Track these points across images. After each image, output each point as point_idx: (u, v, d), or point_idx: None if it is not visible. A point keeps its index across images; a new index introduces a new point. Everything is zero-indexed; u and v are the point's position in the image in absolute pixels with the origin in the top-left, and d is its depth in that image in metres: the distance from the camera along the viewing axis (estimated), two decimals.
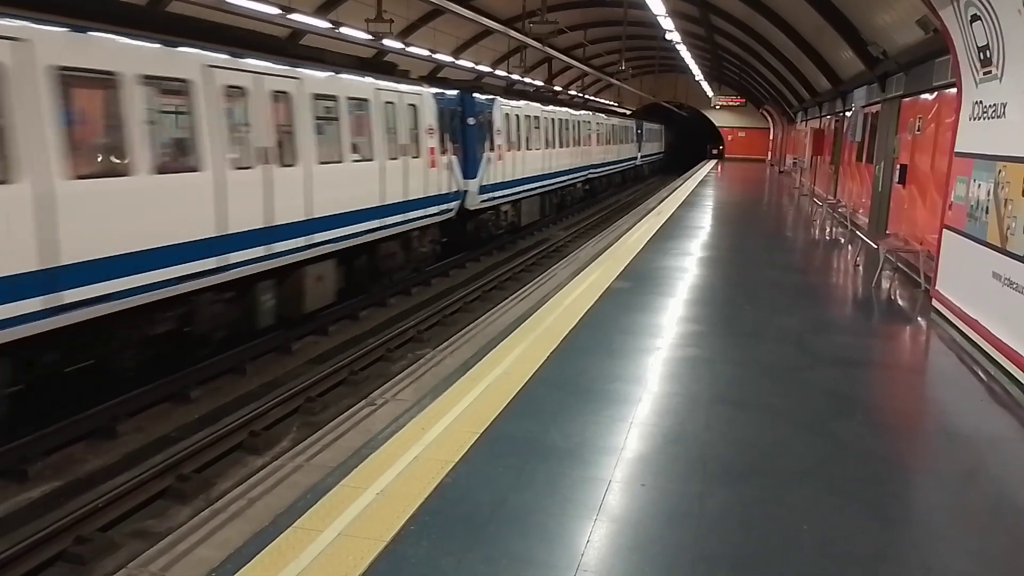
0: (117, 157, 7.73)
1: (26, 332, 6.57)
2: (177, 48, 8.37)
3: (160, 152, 8.20)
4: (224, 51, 9.06)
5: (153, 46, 8.10)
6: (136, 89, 7.69)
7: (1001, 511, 4.64)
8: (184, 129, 8.53)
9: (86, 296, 7.07)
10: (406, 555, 3.73)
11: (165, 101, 8.41)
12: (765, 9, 20.00)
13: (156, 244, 7.85)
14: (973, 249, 8.07)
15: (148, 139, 7.86)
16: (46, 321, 6.72)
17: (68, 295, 6.90)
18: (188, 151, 8.51)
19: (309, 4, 18.86)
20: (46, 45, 6.76)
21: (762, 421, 5.66)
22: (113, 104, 7.56)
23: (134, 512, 6.37)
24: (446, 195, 15.46)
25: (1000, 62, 7.53)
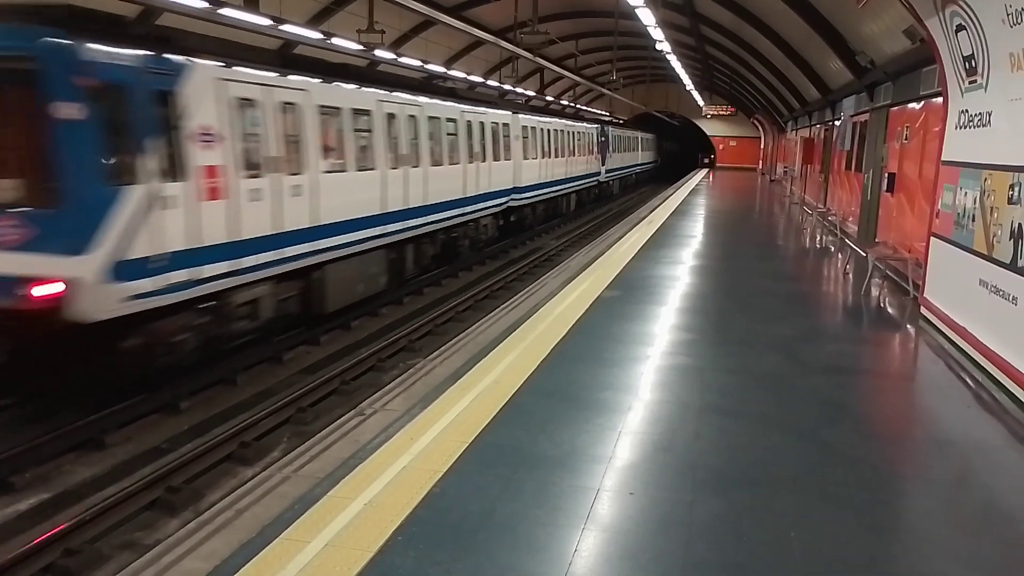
0: (340, 159, 11.89)
1: (308, 262, 10.91)
2: (363, 89, 12.88)
3: (358, 156, 12.40)
4: (385, 89, 13.60)
5: (353, 87, 12.62)
6: (350, 116, 12.11)
7: (990, 517, 4.66)
8: (367, 141, 12.75)
9: (333, 244, 11.48)
10: (393, 565, 3.72)
11: (360, 123, 12.55)
12: (754, 20, 20.16)
13: (357, 215, 12.21)
14: (960, 257, 8.12)
15: (353, 148, 12.22)
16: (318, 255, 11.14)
17: (323, 243, 11.20)
18: (368, 156, 12.75)
19: (301, 15, 18.91)
20: (315, 93, 11.15)
21: (752, 429, 5.67)
22: (338, 126, 11.85)
23: (123, 524, 6.33)
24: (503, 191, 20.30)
25: (985, 71, 7.60)
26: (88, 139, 7.37)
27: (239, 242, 9.25)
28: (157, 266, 7.98)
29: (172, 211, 8.17)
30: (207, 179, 8.73)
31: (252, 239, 9.51)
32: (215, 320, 9.19)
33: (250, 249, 9.48)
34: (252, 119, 9.63)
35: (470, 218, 17.81)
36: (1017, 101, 6.93)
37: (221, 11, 11.50)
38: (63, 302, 7.22)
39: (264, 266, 9.84)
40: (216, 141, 8.90)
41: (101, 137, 7.49)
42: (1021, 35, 6.48)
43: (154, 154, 8.00)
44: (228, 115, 9.14)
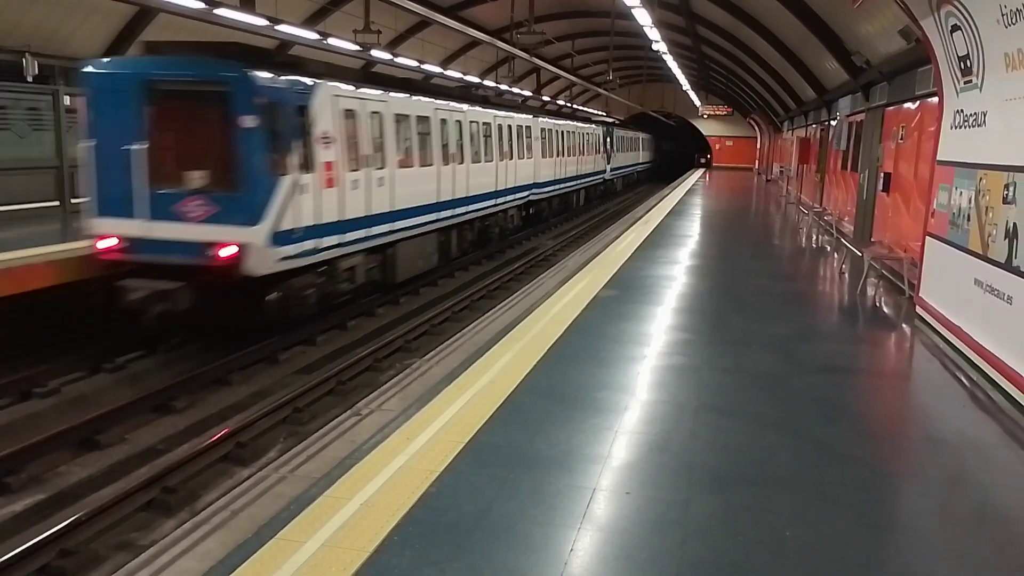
0: (408, 157, 14.39)
1: (386, 239, 13.33)
2: (422, 99, 15.35)
3: (420, 154, 14.89)
4: (438, 99, 16.18)
5: (416, 98, 15.07)
6: (415, 122, 14.64)
7: (984, 516, 4.67)
8: (426, 142, 15.23)
9: (403, 226, 13.93)
10: (389, 565, 3.72)
11: (421, 127, 14.97)
12: (750, 20, 20.18)
13: (420, 203, 14.70)
14: (955, 256, 8.14)
15: (417, 148, 14.73)
16: (393, 235, 13.57)
17: (397, 224, 13.65)
18: (427, 154, 15.28)
19: (297, 15, 18.89)
20: (392, 103, 13.62)
21: (748, 429, 5.68)
22: (407, 130, 14.33)
23: (119, 524, 6.32)
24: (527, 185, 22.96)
25: (980, 71, 7.62)
26: (259, 142, 9.84)
27: (344, 221, 11.75)
28: (296, 237, 10.46)
29: (306, 196, 10.63)
30: (326, 172, 11.17)
31: (352, 219, 12.01)
32: (328, 280, 11.79)
33: (351, 227, 12.00)
34: (353, 125, 12.08)
35: (500, 209, 20.44)
36: (1012, 101, 6.95)
37: (217, 11, 11.48)
38: (239, 261, 9.71)
39: (359, 241, 12.38)
40: (332, 143, 11.30)
41: (267, 140, 9.92)
42: (1016, 35, 6.50)
43: (296, 152, 10.45)
44: (338, 123, 11.58)
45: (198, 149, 10.13)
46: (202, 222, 9.80)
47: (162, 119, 9.98)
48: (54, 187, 15.81)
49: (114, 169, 9.97)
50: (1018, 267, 6.50)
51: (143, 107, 9.91)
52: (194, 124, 10.20)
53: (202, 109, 10.06)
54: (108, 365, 9.97)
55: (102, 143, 10.12)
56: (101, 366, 9.93)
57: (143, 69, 10.20)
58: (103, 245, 10.08)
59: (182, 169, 9.95)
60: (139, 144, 9.88)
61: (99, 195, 10.18)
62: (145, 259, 9.95)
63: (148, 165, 9.92)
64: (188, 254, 9.76)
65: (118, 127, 9.94)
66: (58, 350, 9.90)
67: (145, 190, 9.93)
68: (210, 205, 9.82)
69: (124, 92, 9.94)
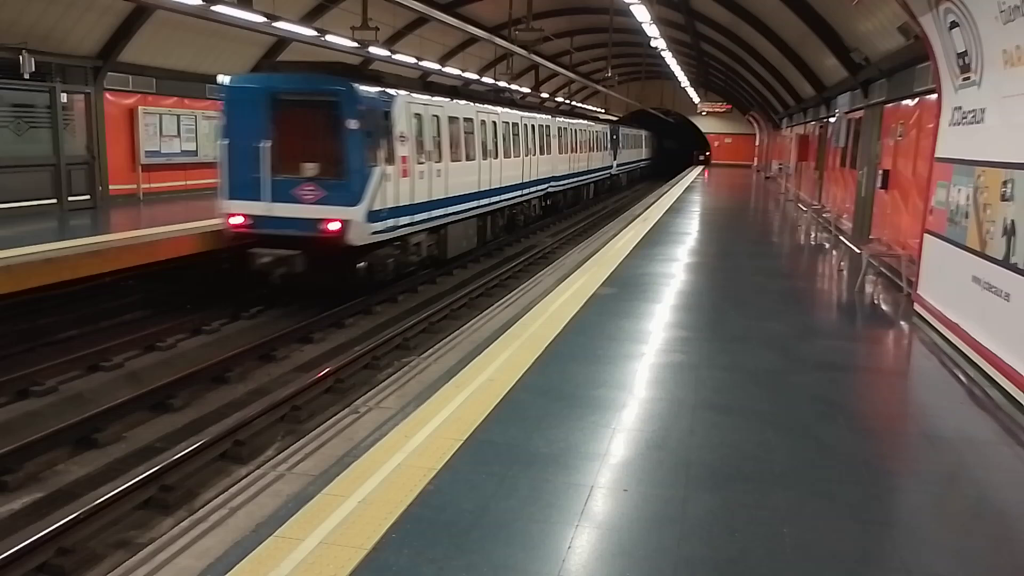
0: (457, 152, 16.66)
1: (441, 221, 15.68)
2: (466, 103, 17.66)
3: (467, 150, 17.27)
4: (477, 103, 18.47)
5: (463, 103, 17.39)
6: (461, 123, 16.92)
7: (981, 513, 4.68)
8: (469, 140, 17.56)
9: (453, 211, 16.31)
10: (387, 563, 3.73)
11: (467, 127, 17.56)
12: (749, 16, 20.16)
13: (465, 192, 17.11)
14: (953, 253, 8.14)
15: (463, 145, 17.04)
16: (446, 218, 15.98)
17: (449, 209, 16.07)
18: (471, 150, 17.62)
19: (295, 12, 18.85)
20: (446, 107, 16.02)
21: (746, 426, 5.68)
22: (456, 130, 16.60)
23: (117, 522, 6.32)
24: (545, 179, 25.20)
25: (978, 68, 7.62)
26: (359, 140, 12.39)
27: (414, 204, 14.21)
28: (382, 216, 12.99)
29: (389, 183, 13.13)
30: (402, 164, 13.65)
31: (419, 203, 14.47)
32: (401, 253, 14.24)
33: (418, 210, 14.44)
34: (419, 126, 14.53)
35: (524, 199, 22.92)
36: (1010, 98, 6.95)
37: (214, 7, 11.47)
38: (342, 234, 12.32)
39: (423, 221, 14.84)
40: (405, 141, 13.81)
41: (364, 139, 12.43)
42: (1014, 32, 6.50)
43: (383, 149, 12.97)
44: (410, 124, 14.10)
45: (311, 146, 12.57)
46: (314, 203, 12.42)
47: (283, 122, 12.48)
48: (51, 185, 15.80)
49: (243, 162, 12.53)
50: (1016, 264, 6.51)
51: (269, 113, 12.46)
52: (309, 126, 12.64)
53: (316, 114, 12.50)
54: (105, 365, 9.97)
55: (234, 142, 12.68)
56: (99, 365, 9.94)
57: (269, 83, 12.81)
58: (234, 221, 12.73)
59: (298, 162, 12.46)
60: (265, 142, 12.41)
61: (230, 182, 12.76)
62: (267, 232, 12.54)
63: (271, 159, 12.45)
64: (302, 228, 12.38)
65: (248, 129, 12.47)
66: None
67: (268, 178, 12.52)
68: (320, 190, 12.44)
69: (254, 102, 12.51)
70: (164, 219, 14.65)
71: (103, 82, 17.20)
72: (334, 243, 12.38)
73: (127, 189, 18.28)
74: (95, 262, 11.18)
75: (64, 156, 15.90)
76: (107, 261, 11.37)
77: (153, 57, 18.32)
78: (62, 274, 10.62)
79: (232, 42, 19.92)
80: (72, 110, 16.45)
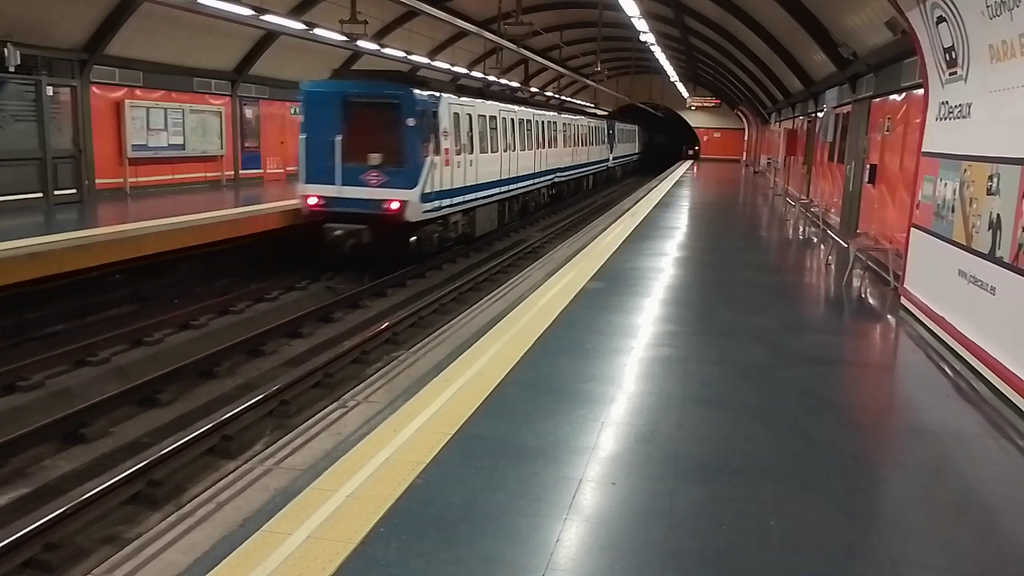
0: (485, 145, 19.19)
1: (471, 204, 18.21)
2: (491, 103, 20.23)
3: (492, 144, 19.79)
4: (499, 102, 21.25)
5: (489, 103, 20.07)
6: (488, 119, 19.48)
7: (967, 505, 4.71)
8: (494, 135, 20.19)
9: (481, 195, 18.87)
10: (375, 557, 3.72)
11: (491, 124, 19.82)
12: (738, 11, 20.18)
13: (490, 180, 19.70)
14: (940, 247, 8.19)
15: (489, 139, 19.61)
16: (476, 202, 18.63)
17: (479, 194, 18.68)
18: (495, 144, 20.18)
19: (283, 5, 18.74)
20: (476, 107, 18.53)
21: (734, 420, 5.70)
22: (483, 125, 19.07)
23: (104, 518, 6.29)
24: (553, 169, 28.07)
25: (965, 63, 7.66)
26: (415, 135, 15.10)
27: (453, 189, 16.93)
28: (431, 198, 15.74)
29: (436, 171, 15.79)
30: (445, 155, 16.36)
31: (457, 188, 17.17)
32: (443, 230, 17.05)
33: (456, 194, 17.18)
34: (457, 123, 17.18)
35: (536, 187, 25.62)
36: (996, 92, 6.99)
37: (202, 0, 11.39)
38: (401, 212, 15.00)
39: (460, 204, 17.57)
40: (448, 135, 16.45)
41: (419, 134, 15.16)
42: (1001, 27, 6.53)
43: (432, 142, 15.69)
44: (451, 122, 16.73)
45: (376, 140, 15.09)
46: (378, 187, 15.08)
47: (353, 120, 15.12)
48: (36, 179, 15.67)
49: (319, 153, 15.09)
50: (1001, 258, 6.55)
51: (341, 112, 15.05)
52: (374, 123, 15.18)
53: (380, 114, 15.05)
54: (91, 360, 9.91)
55: (311, 136, 15.27)
56: (86, 359, 9.88)
57: (341, 88, 15.47)
58: (311, 202, 15.27)
59: (365, 152, 15.08)
60: (338, 136, 15.02)
61: (308, 169, 15.32)
62: (338, 211, 15.08)
63: (342, 150, 15.05)
64: (368, 208, 15.02)
65: (323, 125, 15.04)
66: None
67: (340, 166, 15.08)
68: (383, 176, 15.08)
69: (329, 103, 15.11)
70: (151, 214, 14.56)
71: (89, 75, 17.07)
72: (394, 219, 15.06)
73: (114, 183, 18.15)
74: (81, 256, 11.11)
75: (50, 150, 15.77)
76: (93, 255, 11.30)
77: (140, 50, 18.18)
78: (48, 268, 10.54)
79: (220, 35, 19.79)
80: (58, 103, 16.31)
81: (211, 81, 21.26)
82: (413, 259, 16.01)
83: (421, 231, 15.93)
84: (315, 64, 25.21)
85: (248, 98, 23.04)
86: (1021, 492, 4.87)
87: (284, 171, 24.74)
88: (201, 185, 20.97)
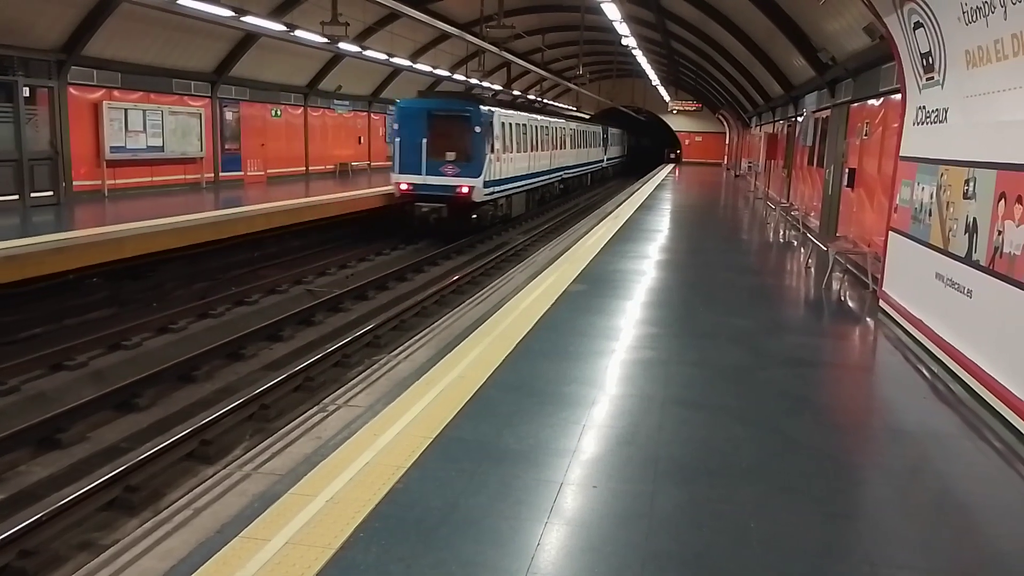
0: (519, 146, 24.83)
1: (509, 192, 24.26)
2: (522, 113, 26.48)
3: (524, 145, 25.36)
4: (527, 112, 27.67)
5: (521, 113, 26.22)
6: (520, 126, 25.16)
7: (943, 505, 4.76)
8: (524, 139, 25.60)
9: (515, 186, 24.76)
10: (355, 561, 3.70)
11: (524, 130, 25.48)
12: (718, 15, 20.30)
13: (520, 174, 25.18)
14: (917, 251, 8.27)
15: (522, 141, 25.20)
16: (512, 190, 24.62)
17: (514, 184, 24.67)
18: (525, 145, 25.53)
19: (264, 7, 18.65)
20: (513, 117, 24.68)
21: (714, 421, 5.72)
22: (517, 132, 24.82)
23: (80, 524, 6.22)
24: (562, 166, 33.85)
25: (942, 68, 7.74)
26: (480, 139, 20.54)
27: (500, 179, 22.55)
28: (488, 185, 21.15)
29: (491, 165, 21.24)
30: (497, 154, 21.91)
31: (503, 179, 22.81)
32: (494, 210, 22.63)
33: (502, 184, 22.83)
34: (502, 129, 22.70)
35: (550, 182, 30.90)
36: (973, 98, 7.08)
37: (181, 0, 11.31)
38: (469, 194, 20.44)
39: (504, 191, 23.25)
40: (498, 139, 21.96)
41: (482, 138, 20.53)
42: (977, 32, 6.61)
43: (489, 143, 21.05)
44: (500, 129, 22.30)
45: (451, 142, 20.62)
46: (452, 176, 20.48)
47: (435, 128, 20.57)
48: (12, 181, 15.48)
49: (409, 152, 20.46)
50: (977, 261, 6.63)
51: (426, 122, 20.57)
52: (451, 130, 20.58)
53: (455, 123, 20.64)
54: (68, 364, 9.80)
55: (404, 139, 20.60)
56: (63, 364, 9.77)
57: (427, 104, 21.29)
58: (403, 187, 20.70)
59: (444, 151, 20.60)
60: (424, 139, 20.41)
61: (400, 164, 20.65)
62: (423, 193, 20.47)
63: (427, 149, 20.39)
64: (445, 192, 20.43)
65: (413, 131, 20.48)
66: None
67: (425, 161, 20.40)
68: (456, 168, 20.55)
69: (417, 115, 20.68)
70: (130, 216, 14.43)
71: (67, 76, 16.89)
72: (464, 200, 20.52)
73: (92, 185, 17.98)
74: (59, 259, 10.99)
75: (26, 151, 15.60)
76: (70, 258, 11.19)
77: (118, 51, 18.02)
78: (25, 271, 10.41)
79: (199, 36, 19.67)
80: (35, 104, 16.13)
81: (191, 83, 21.11)
82: (474, 230, 21.34)
83: (480, 210, 21.29)
84: (296, 66, 25.13)
85: (228, 100, 22.89)
86: (997, 492, 4.92)
87: (265, 173, 24.58)
88: (182, 187, 20.81)
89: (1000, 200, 6.27)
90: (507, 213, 24.33)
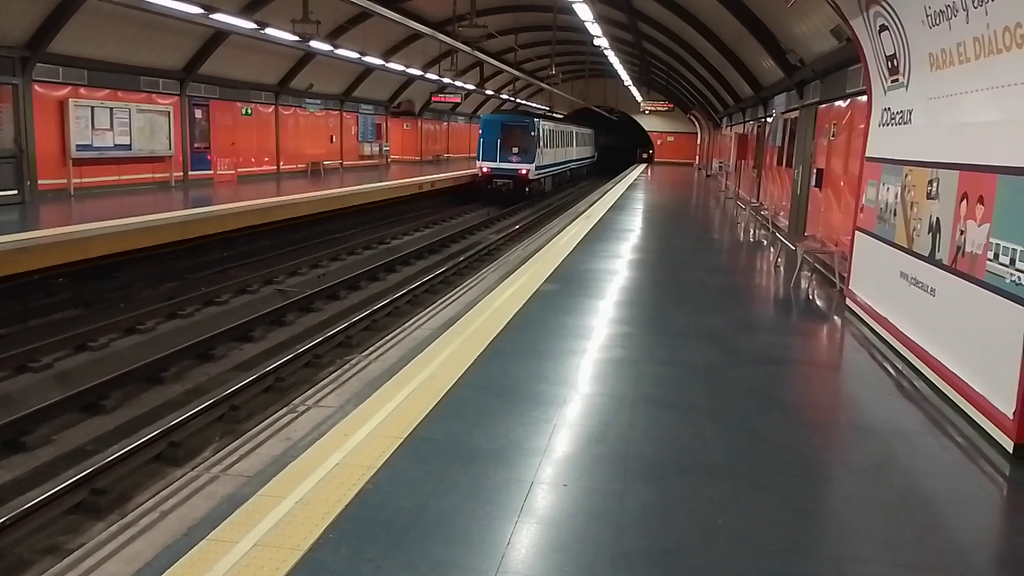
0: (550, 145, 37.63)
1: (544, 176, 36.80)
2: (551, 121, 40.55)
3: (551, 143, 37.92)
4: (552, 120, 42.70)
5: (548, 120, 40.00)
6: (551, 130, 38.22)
7: (909, 501, 4.83)
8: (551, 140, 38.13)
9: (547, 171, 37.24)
10: (324, 563, 3.68)
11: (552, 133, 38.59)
12: (690, 17, 20.46)
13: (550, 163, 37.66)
14: (882, 250, 8.40)
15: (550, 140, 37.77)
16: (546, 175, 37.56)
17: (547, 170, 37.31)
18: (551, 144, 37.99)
19: (233, 4, 18.46)
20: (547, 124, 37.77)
21: (684, 419, 5.77)
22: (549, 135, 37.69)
23: (45, 528, 6.12)
24: None
25: (906, 70, 7.87)
26: (534, 139, 33.47)
27: (543, 166, 35.00)
28: (538, 169, 34.06)
29: (539, 156, 33.84)
30: (542, 149, 34.79)
31: (545, 166, 35.43)
32: (539, 185, 35.21)
33: (545, 169, 35.46)
34: (542, 133, 34.49)
35: (563, 171, 41.54)
36: (936, 100, 7.20)
37: None
38: (527, 175, 33.01)
39: (545, 173, 35.95)
40: (541, 138, 34.14)
41: (535, 139, 33.54)
42: (940, 36, 6.73)
43: (538, 142, 33.74)
44: (543, 133, 34.65)
45: (516, 141, 32.57)
46: (516, 163, 32.34)
47: (505, 133, 32.81)
48: None
49: (489, 147, 32.49)
50: (940, 260, 6.75)
51: (499, 130, 32.99)
52: (516, 134, 32.83)
53: (518, 129, 33.17)
54: (33, 365, 9.63)
55: (486, 139, 32.44)
56: (27, 365, 9.60)
57: (500, 118, 35.47)
58: (484, 170, 32.30)
59: (511, 146, 32.57)
60: (499, 139, 32.45)
61: (482, 154, 32.54)
62: (497, 174, 32.21)
63: (500, 145, 32.41)
64: (511, 173, 32.29)
65: (492, 134, 32.73)
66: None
67: (499, 152, 32.35)
68: (519, 157, 32.49)
69: (495, 124, 33.59)
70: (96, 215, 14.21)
71: (32, 73, 16.59)
72: (524, 178, 32.25)
73: (57, 184, 17.68)
74: (23, 259, 10.80)
75: None
76: (35, 258, 10.99)
77: (84, 48, 17.74)
78: None
79: (167, 33, 19.42)
80: None
81: (159, 80, 20.85)
82: (527, 199, 32.81)
83: (532, 185, 33.06)
84: (267, 64, 24.92)
85: (198, 98, 22.64)
86: (961, 487, 5.02)
87: (235, 172, 24.31)
88: (150, 186, 20.53)
89: (962, 200, 6.39)
90: (544, 189, 36.45)
